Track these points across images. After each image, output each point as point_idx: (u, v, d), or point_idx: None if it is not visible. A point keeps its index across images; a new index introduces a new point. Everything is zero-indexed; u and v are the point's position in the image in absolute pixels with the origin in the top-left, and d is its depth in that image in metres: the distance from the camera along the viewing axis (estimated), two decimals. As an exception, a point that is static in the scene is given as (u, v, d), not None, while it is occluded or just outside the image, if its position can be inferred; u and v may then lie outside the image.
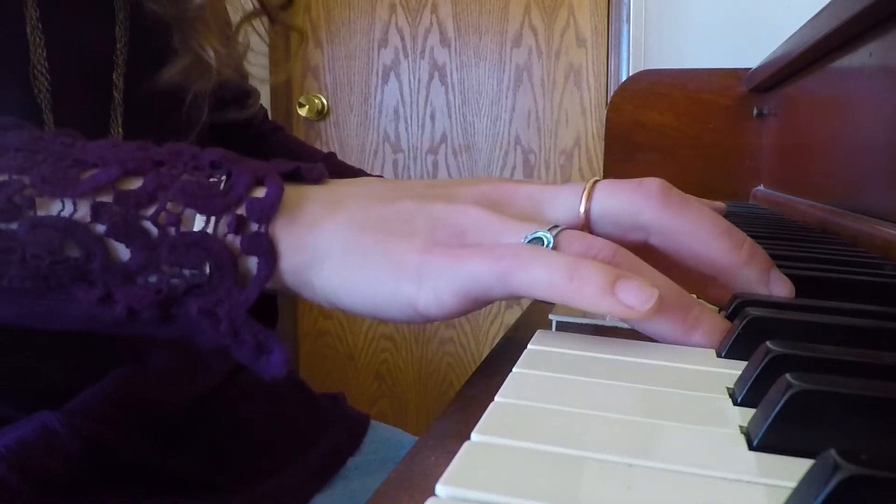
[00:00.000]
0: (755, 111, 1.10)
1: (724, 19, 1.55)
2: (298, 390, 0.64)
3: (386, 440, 0.66)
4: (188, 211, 0.30)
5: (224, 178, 0.31)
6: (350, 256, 0.30)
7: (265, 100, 1.87)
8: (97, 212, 0.30)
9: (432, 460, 0.21)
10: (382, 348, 1.97)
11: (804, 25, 0.75)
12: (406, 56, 1.90)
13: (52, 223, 0.30)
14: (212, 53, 0.55)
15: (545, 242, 0.29)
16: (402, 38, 1.90)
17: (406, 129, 1.92)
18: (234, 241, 0.30)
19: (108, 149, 0.32)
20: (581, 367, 0.26)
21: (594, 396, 0.24)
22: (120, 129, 0.52)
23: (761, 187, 1.08)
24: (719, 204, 0.60)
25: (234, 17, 0.63)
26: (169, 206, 0.30)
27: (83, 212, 0.30)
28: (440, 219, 0.31)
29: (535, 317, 0.39)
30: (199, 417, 0.52)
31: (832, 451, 0.15)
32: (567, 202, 0.33)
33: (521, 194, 0.33)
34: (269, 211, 0.30)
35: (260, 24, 0.64)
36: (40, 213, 0.30)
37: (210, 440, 0.52)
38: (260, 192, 0.31)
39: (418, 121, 1.91)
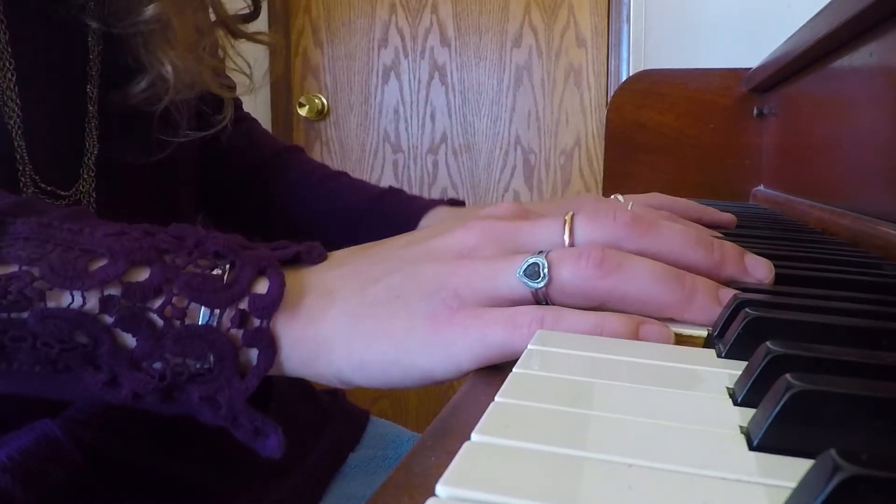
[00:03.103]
0: (755, 111, 1.10)
1: (725, 19, 1.55)
2: (299, 389, 0.64)
3: (385, 436, 0.66)
4: (193, 304, 0.31)
5: (228, 267, 0.32)
6: (354, 343, 0.32)
7: (264, 100, 1.88)
8: (105, 305, 0.31)
9: (432, 460, 0.21)
10: (382, 348, 1.97)
11: (804, 25, 0.75)
12: (406, 56, 1.90)
13: (62, 315, 0.31)
14: (169, 68, 0.53)
15: (541, 266, 0.31)
16: (402, 38, 1.90)
17: (406, 129, 1.92)
18: (237, 333, 0.31)
19: (115, 238, 0.32)
20: (581, 367, 0.26)
21: (594, 396, 0.24)
22: (95, 143, 0.52)
23: (761, 187, 1.08)
24: (729, 217, 0.60)
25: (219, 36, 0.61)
26: (175, 300, 0.31)
27: (92, 303, 0.31)
28: (431, 287, 0.32)
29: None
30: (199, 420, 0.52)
31: (832, 451, 0.15)
32: (548, 234, 0.34)
33: (500, 232, 0.34)
34: (270, 308, 0.31)
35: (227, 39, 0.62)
36: (50, 304, 0.31)
37: (211, 444, 0.52)
38: (262, 286, 0.32)
39: (418, 121, 1.91)
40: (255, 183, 0.71)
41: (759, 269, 0.35)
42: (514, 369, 0.26)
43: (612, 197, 0.59)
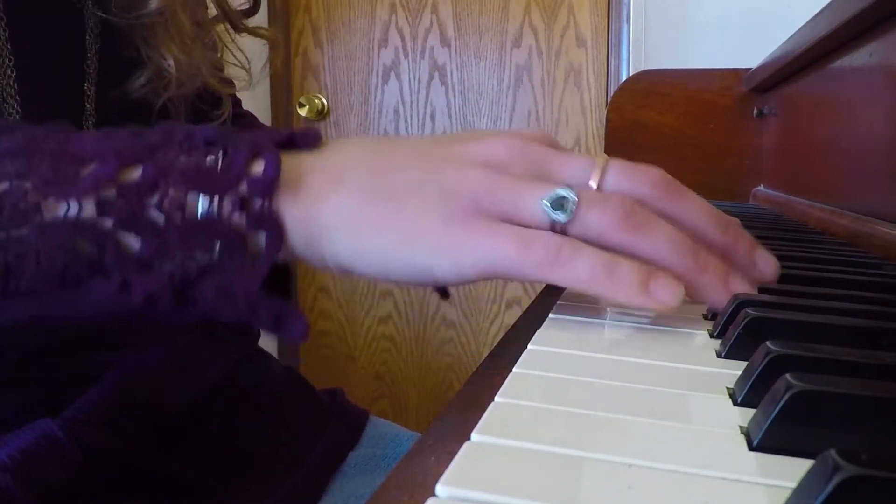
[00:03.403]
0: (755, 111, 1.10)
1: (724, 19, 1.55)
2: (298, 388, 0.64)
3: (385, 435, 0.66)
4: (191, 194, 0.30)
5: (221, 154, 0.31)
6: (361, 227, 0.31)
7: (264, 98, 1.88)
8: (102, 208, 0.30)
9: (432, 460, 0.21)
10: (382, 348, 1.97)
11: (804, 25, 0.75)
12: (406, 56, 1.90)
13: (61, 224, 0.30)
14: (171, 62, 0.53)
15: (570, 201, 0.31)
16: (402, 38, 1.90)
17: (406, 129, 1.92)
18: (241, 218, 0.30)
19: (103, 140, 0.32)
20: (581, 367, 0.26)
21: (594, 396, 0.24)
22: None
23: (761, 187, 1.08)
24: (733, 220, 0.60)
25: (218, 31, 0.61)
26: (171, 192, 0.30)
27: (89, 209, 0.30)
28: (451, 187, 0.31)
29: (536, 317, 0.39)
30: (199, 419, 0.52)
31: (832, 451, 0.15)
32: (578, 171, 0.34)
33: (532, 154, 0.34)
34: (270, 186, 0.30)
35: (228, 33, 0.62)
36: (47, 216, 0.30)
37: (211, 442, 0.52)
38: (258, 167, 0.31)
39: (418, 121, 1.91)
40: None
41: (766, 265, 0.35)
42: (514, 369, 0.26)
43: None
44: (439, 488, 0.17)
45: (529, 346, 0.29)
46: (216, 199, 0.30)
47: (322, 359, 1.99)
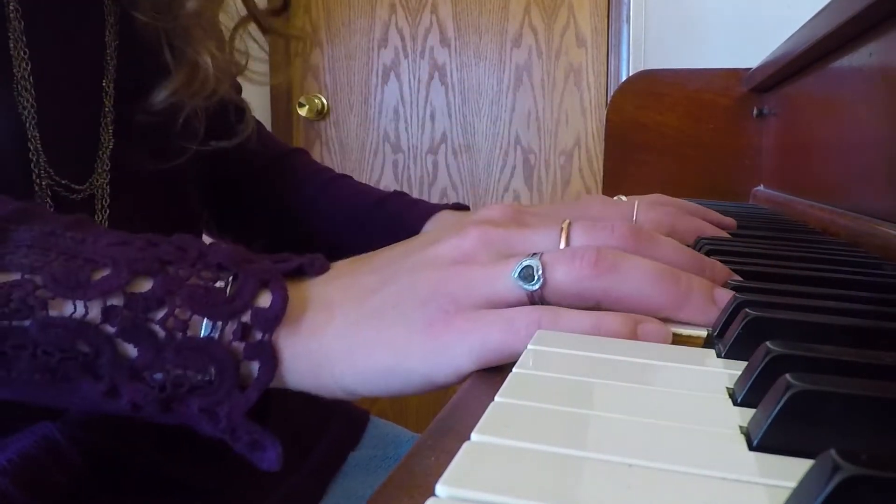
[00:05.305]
0: (755, 111, 1.10)
1: (724, 19, 1.55)
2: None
3: (385, 436, 0.66)
4: (196, 316, 0.31)
5: (231, 280, 0.32)
6: (356, 355, 0.32)
7: (264, 101, 1.88)
8: (107, 315, 0.31)
9: (432, 460, 0.21)
10: (382, 348, 1.97)
11: (804, 25, 0.75)
12: (406, 56, 1.90)
13: (64, 324, 0.31)
14: (209, 60, 0.53)
15: (535, 268, 0.31)
16: (402, 38, 1.90)
17: (406, 129, 1.92)
18: (238, 346, 0.31)
19: (118, 247, 0.32)
20: (581, 367, 0.26)
21: (594, 396, 0.24)
22: (111, 138, 0.51)
23: (761, 187, 1.08)
24: (730, 220, 0.60)
25: (229, 25, 0.62)
26: (177, 311, 0.31)
27: (94, 313, 0.31)
28: (427, 294, 0.32)
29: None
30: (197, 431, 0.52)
31: (832, 451, 0.15)
32: (544, 239, 0.35)
33: (494, 238, 0.34)
34: (273, 322, 0.31)
35: (257, 30, 0.63)
36: (52, 313, 0.31)
37: (212, 444, 0.52)
38: (265, 300, 0.32)
39: (418, 121, 1.91)
40: (260, 184, 0.71)
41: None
42: (513, 369, 0.26)
43: (616, 198, 0.59)
44: (439, 488, 0.17)
45: (529, 346, 0.29)
46: (219, 324, 0.31)
47: (322, 359, 1.99)
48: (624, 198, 0.58)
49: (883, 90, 0.59)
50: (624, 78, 1.45)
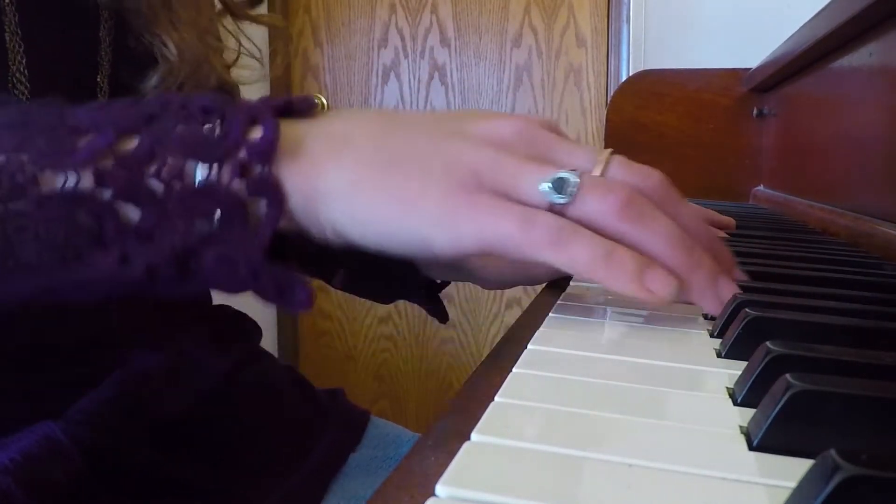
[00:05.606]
0: (755, 111, 1.10)
1: (724, 19, 1.55)
2: (299, 388, 0.64)
3: (385, 436, 0.66)
4: (189, 162, 0.30)
5: (218, 122, 0.31)
6: (362, 194, 0.31)
7: (265, 100, 1.87)
8: (101, 178, 0.30)
9: (432, 460, 0.21)
10: (382, 348, 1.97)
11: (804, 25, 0.75)
12: (406, 56, 1.90)
13: (59, 196, 0.29)
14: (172, 48, 0.52)
15: (570, 184, 0.31)
16: (402, 38, 1.90)
17: (406, 129, 1.92)
18: (241, 185, 0.30)
19: (99, 111, 0.31)
20: (581, 367, 0.26)
21: (594, 396, 0.24)
22: None
23: (761, 187, 1.08)
24: (729, 220, 0.60)
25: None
26: (169, 160, 0.30)
27: (87, 180, 0.30)
28: (454, 160, 0.31)
29: (536, 317, 0.39)
30: (200, 420, 0.52)
31: (832, 451, 0.15)
32: (582, 159, 0.34)
33: (537, 138, 0.34)
34: (269, 151, 0.30)
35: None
36: (45, 188, 0.30)
37: (212, 443, 0.52)
38: (256, 133, 0.30)
39: (418, 121, 1.91)
40: None
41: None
42: (514, 369, 0.26)
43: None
44: (439, 488, 0.17)
45: (529, 346, 0.29)
46: (215, 166, 0.30)
47: (322, 359, 1.99)
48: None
49: (883, 90, 0.59)
50: (624, 78, 1.45)
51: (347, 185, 0.31)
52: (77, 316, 0.46)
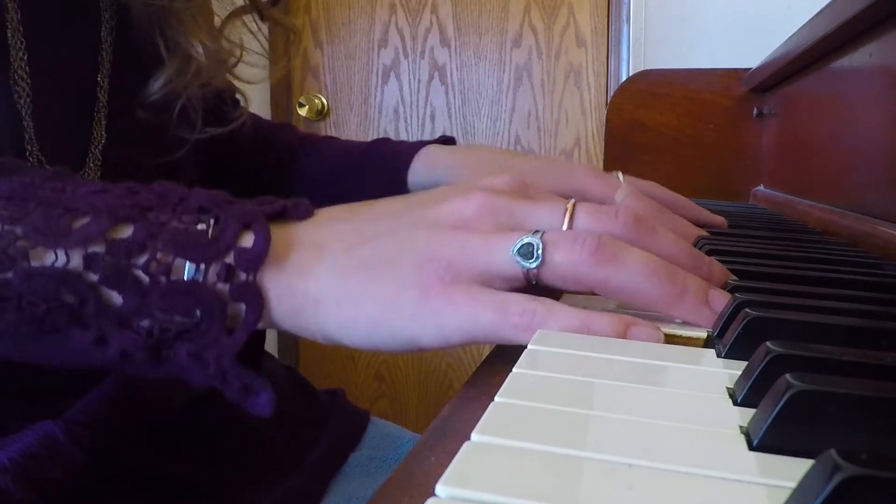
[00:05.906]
0: (755, 111, 1.10)
1: (724, 19, 1.55)
2: (299, 388, 0.64)
3: (385, 436, 0.66)
4: (178, 259, 0.31)
5: (212, 223, 0.32)
6: (343, 301, 0.31)
7: (265, 100, 1.88)
8: (89, 262, 0.31)
9: (432, 460, 0.21)
10: (382, 348, 1.97)
11: (804, 25, 0.75)
12: (406, 56, 1.90)
13: (47, 273, 0.30)
14: (200, 50, 0.53)
15: (535, 247, 0.31)
16: (402, 38, 1.90)
17: (406, 129, 1.92)
18: (224, 288, 0.31)
19: (98, 195, 0.32)
20: (581, 367, 0.26)
21: (594, 396, 0.24)
22: (103, 133, 0.51)
23: (761, 187, 1.08)
24: (720, 219, 0.60)
25: (223, 15, 0.61)
26: (159, 255, 0.31)
27: (76, 261, 0.31)
28: (424, 254, 0.32)
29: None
30: (200, 420, 0.52)
31: (832, 451, 0.15)
32: (547, 216, 0.34)
33: (498, 207, 0.34)
34: (256, 261, 0.31)
35: (254, 23, 0.62)
36: (34, 263, 0.30)
37: (212, 443, 0.52)
38: (248, 240, 0.31)
39: (418, 121, 1.91)
40: (252, 162, 0.72)
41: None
42: (514, 369, 0.26)
43: (613, 173, 0.59)
44: (439, 488, 0.17)
45: (529, 346, 0.29)
46: (202, 266, 0.31)
47: (322, 359, 1.99)
48: (621, 175, 0.58)
49: (883, 90, 0.59)
50: (624, 78, 1.45)
51: (331, 292, 0.32)
52: None
